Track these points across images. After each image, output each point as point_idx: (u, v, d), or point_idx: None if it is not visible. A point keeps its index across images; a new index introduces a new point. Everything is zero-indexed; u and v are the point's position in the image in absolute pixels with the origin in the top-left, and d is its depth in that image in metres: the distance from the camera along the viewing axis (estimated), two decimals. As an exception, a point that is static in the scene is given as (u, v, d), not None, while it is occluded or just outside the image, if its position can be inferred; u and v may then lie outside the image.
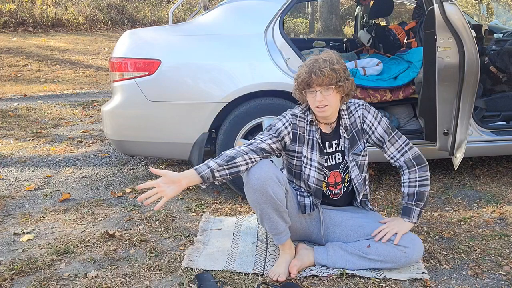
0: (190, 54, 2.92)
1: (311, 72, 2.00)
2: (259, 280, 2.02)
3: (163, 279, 2.06)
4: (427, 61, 2.82)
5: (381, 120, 2.15)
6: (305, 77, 2.02)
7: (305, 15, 17.12)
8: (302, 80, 2.04)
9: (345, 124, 2.14)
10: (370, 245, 2.05)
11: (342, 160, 2.18)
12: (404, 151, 2.15)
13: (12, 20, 11.81)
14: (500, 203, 2.86)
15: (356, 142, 2.15)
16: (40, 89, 7.52)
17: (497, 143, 3.09)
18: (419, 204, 2.11)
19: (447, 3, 2.63)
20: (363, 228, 2.13)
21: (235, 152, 1.98)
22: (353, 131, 2.15)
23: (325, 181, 2.19)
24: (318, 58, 2.04)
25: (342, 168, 2.18)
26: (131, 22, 13.77)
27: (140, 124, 2.94)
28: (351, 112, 2.15)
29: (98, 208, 2.91)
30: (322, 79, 1.99)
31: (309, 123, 2.13)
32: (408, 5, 5.67)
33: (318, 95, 2.01)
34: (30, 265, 2.18)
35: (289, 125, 2.11)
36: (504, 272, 2.09)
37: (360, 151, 2.15)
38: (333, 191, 2.21)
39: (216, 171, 1.94)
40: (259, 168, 1.98)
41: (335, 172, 2.18)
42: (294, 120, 2.13)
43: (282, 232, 2.07)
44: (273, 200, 1.97)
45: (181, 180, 1.90)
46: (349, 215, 2.20)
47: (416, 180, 2.12)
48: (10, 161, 3.89)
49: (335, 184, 2.19)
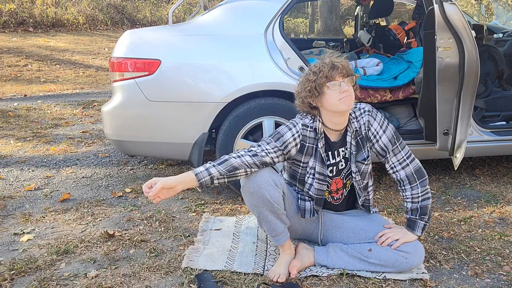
0: (190, 54, 2.92)
1: (333, 64, 1.97)
2: (259, 280, 2.02)
3: (163, 279, 2.06)
4: (427, 61, 2.82)
5: (387, 128, 2.08)
6: (327, 70, 1.95)
7: (305, 15, 17.13)
8: (323, 75, 1.95)
9: (355, 128, 2.08)
10: (372, 249, 2.04)
11: (345, 166, 2.14)
12: (405, 164, 2.09)
13: (12, 20, 11.82)
14: (500, 203, 2.86)
15: (360, 149, 2.10)
16: (40, 89, 7.52)
17: (497, 143, 3.09)
18: (423, 218, 2.08)
19: (447, 3, 2.63)
20: (365, 231, 2.12)
21: (239, 164, 1.94)
22: (358, 138, 2.09)
23: (328, 190, 2.17)
24: (326, 57, 2.03)
25: (344, 174, 2.16)
26: (131, 22, 13.77)
27: (140, 124, 2.94)
28: (356, 117, 2.09)
29: (98, 208, 2.91)
30: (346, 70, 1.97)
31: (314, 132, 2.06)
32: (408, 5, 5.67)
33: (343, 85, 1.95)
34: (30, 265, 2.18)
35: (298, 137, 2.03)
36: (504, 272, 2.09)
37: (364, 159, 2.10)
38: (334, 197, 2.20)
39: (215, 179, 1.93)
40: (256, 172, 1.98)
41: (337, 179, 2.16)
42: (305, 131, 2.05)
43: (281, 234, 2.06)
44: (270, 203, 1.96)
45: (177, 185, 1.90)
46: (350, 218, 2.19)
47: (419, 195, 2.08)
48: (10, 161, 3.89)
49: (337, 190, 2.18)
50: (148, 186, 1.89)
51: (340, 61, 2.00)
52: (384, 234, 2.07)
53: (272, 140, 2.02)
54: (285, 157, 2.05)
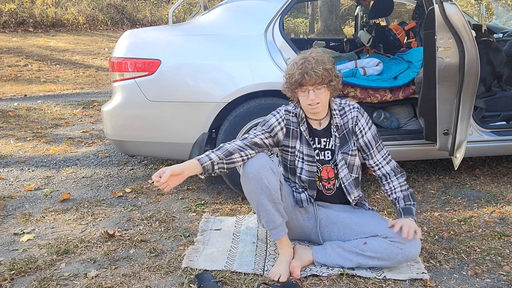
0: (190, 54, 2.92)
1: (304, 73, 2.03)
2: (259, 280, 2.02)
3: (163, 279, 2.06)
4: (427, 61, 2.82)
5: (371, 126, 2.22)
6: (298, 78, 2.04)
7: (305, 15, 17.13)
8: (294, 81, 2.06)
9: (336, 124, 2.18)
10: (367, 242, 2.06)
11: (331, 158, 2.21)
12: (388, 159, 2.24)
13: (12, 20, 11.81)
14: (500, 203, 2.86)
15: (346, 142, 2.19)
16: (40, 89, 7.52)
17: (497, 143, 3.09)
18: (414, 203, 2.19)
19: (447, 3, 2.63)
20: (360, 226, 2.14)
21: (233, 148, 2.08)
22: (345, 131, 2.19)
23: (318, 175, 2.22)
24: (308, 57, 2.06)
25: (333, 164, 2.21)
26: (131, 22, 13.77)
27: (140, 124, 2.94)
28: (345, 112, 2.19)
29: (98, 208, 2.91)
30: (315, 79, 2.03)
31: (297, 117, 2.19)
32: (408, 5, 5.67)
33: (310, 94, 2.07)
34: (30, 265, 2.18)
35: (283, 121, 2.18)
36: (504, 272, 2.09)
37: (349, 150, 2.19)
38: (326, 186, 2.23)
39: (216, 164, 2.07)
40: (254, 159, 2.08)
41: (327, 167, 2.21)
42: (288, 116, 2.19)
43: (279, 227, 2.08)
44: (267, 189, 2.02)
45: (184, 171, 2.03)
46: (345, 214, 2.21)
47: (405, 184, 2.22)
48: (10, 161, 3.89)
49: (328, 179, 2.22)
50: (158, 176, 1.97)
51: (314, 67, 2.03)
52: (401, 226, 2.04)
53: (259, 126, 2.20)
54: (273, 140, 2.18)
